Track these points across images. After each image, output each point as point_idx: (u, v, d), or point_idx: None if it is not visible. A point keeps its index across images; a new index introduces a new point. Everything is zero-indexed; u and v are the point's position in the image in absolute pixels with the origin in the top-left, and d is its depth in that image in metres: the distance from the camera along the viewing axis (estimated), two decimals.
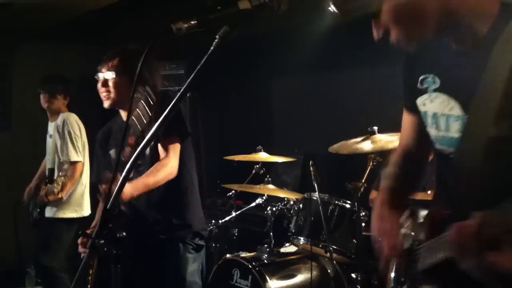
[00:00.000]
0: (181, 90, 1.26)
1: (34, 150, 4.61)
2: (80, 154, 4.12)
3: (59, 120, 4.19)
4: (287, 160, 4.17)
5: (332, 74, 5.08)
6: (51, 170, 4.16)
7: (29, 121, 5.40)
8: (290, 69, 5.30)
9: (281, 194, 3.84)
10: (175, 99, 1.25)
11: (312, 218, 3.37)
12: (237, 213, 4.18)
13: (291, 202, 3.77)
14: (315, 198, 3.39)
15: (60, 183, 3.87)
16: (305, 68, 5.05)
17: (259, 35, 4.38)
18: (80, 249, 2.54)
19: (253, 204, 4.09)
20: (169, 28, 1.08)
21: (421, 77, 1.48)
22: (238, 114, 5.87)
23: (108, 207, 1.26)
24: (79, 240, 2.57)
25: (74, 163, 4.08)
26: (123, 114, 2.73)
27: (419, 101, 1.49)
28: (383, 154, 3.29)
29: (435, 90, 1.43)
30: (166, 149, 2.48)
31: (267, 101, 6.02)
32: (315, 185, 3.38)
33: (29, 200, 4.34)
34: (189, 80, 1.23)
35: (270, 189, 3.82)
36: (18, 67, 5.79)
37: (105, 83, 2.61)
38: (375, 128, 3.38)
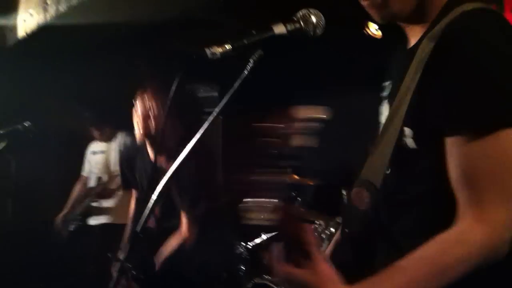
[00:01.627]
0: (214, 113, 1.25)
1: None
2: None
3: (119, 140, 4.40)
4: (318, 183, 4.11)
5: (364, 97, 5.02)
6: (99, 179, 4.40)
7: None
8: (321, 90, 5.26)
9: (312, 217, 3.79)
10: (207, 122, 1.24)
11: None
12: (267, 236, 4.12)
13: (323, 226, 3.71)
14: None
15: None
16: (335, 90, 5.01)
17: (292, 58, 4.38)
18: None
19: None
20: (204, 53, 1.08)
21: (384, 84, 1.36)
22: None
23: (137, 229, 1.25)
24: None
25: None
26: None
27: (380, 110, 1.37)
28: None
29: (385, 98, 1.32)
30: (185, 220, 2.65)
31: None
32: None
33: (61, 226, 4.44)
34: (222, 103, 1.23)
35: (301, 212, 3.77)
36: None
37: (140, 116, 2.68)
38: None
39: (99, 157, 4.58)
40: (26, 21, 4.54)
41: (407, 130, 1.10)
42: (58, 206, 4.57)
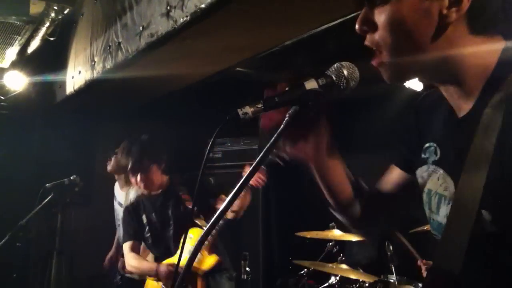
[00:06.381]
0: (252, 166, 1.24)
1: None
2: None
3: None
4: (361, 239, 4.00)
5: None
6: None
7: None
8: (365, 143, 5.20)
9: (355, 275, 3.66)
10: (245, 176, 1.22)
11: None
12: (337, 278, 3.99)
13: (367, 284, 3.58)
14: (392, 280, 3.22)
15: None
16: (380, 143, 4.92)
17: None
18: None
19: (326, 285, 3.92)
20: (236, 113, 1.08)
21: (426, 145, 1.23)
22: (311, 189, 5.78)
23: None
24: None
25: None
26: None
27: (418, 172, 1.25)
28: None
29: (433, 163, 1.19)
30: None
31: None
32: (392, 267, 3.22)
33: (110, 268, 4.44)
34: (258, 158, 1.21)
35: (344, 269, 3.66)
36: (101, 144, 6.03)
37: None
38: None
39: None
40: (74, 78, 4.73)
41: (485, 214, 0.98)
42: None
